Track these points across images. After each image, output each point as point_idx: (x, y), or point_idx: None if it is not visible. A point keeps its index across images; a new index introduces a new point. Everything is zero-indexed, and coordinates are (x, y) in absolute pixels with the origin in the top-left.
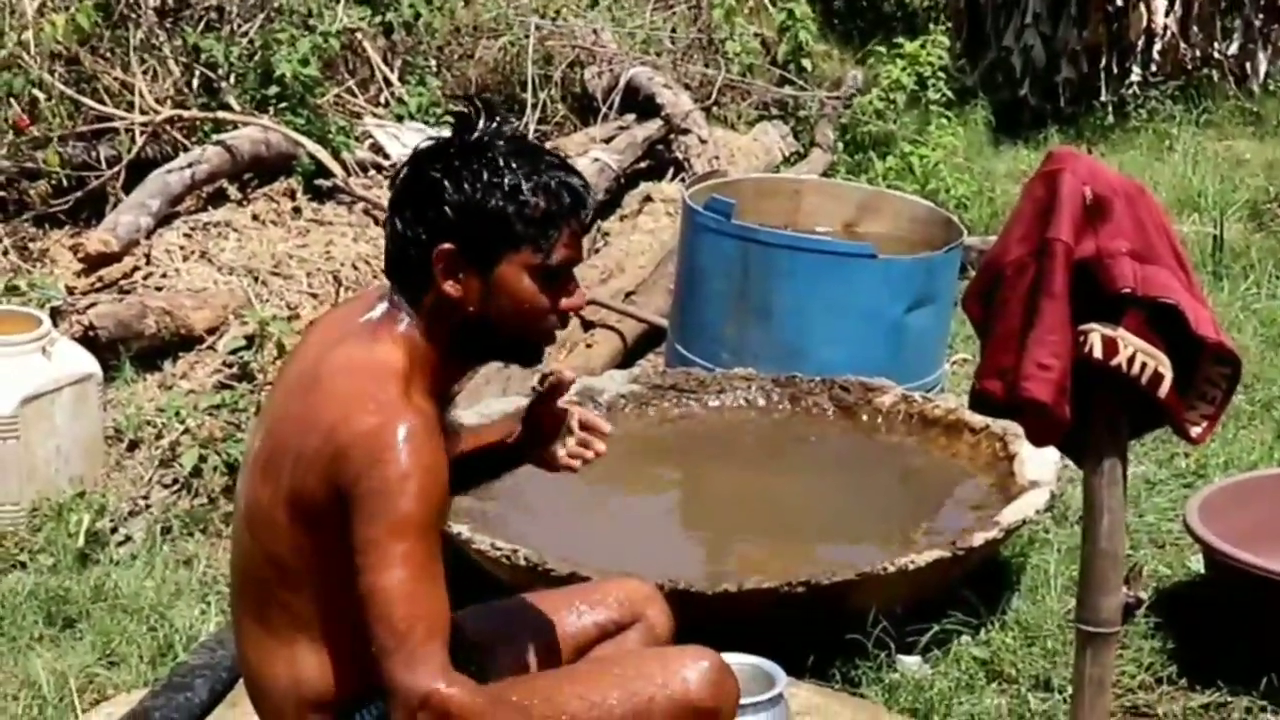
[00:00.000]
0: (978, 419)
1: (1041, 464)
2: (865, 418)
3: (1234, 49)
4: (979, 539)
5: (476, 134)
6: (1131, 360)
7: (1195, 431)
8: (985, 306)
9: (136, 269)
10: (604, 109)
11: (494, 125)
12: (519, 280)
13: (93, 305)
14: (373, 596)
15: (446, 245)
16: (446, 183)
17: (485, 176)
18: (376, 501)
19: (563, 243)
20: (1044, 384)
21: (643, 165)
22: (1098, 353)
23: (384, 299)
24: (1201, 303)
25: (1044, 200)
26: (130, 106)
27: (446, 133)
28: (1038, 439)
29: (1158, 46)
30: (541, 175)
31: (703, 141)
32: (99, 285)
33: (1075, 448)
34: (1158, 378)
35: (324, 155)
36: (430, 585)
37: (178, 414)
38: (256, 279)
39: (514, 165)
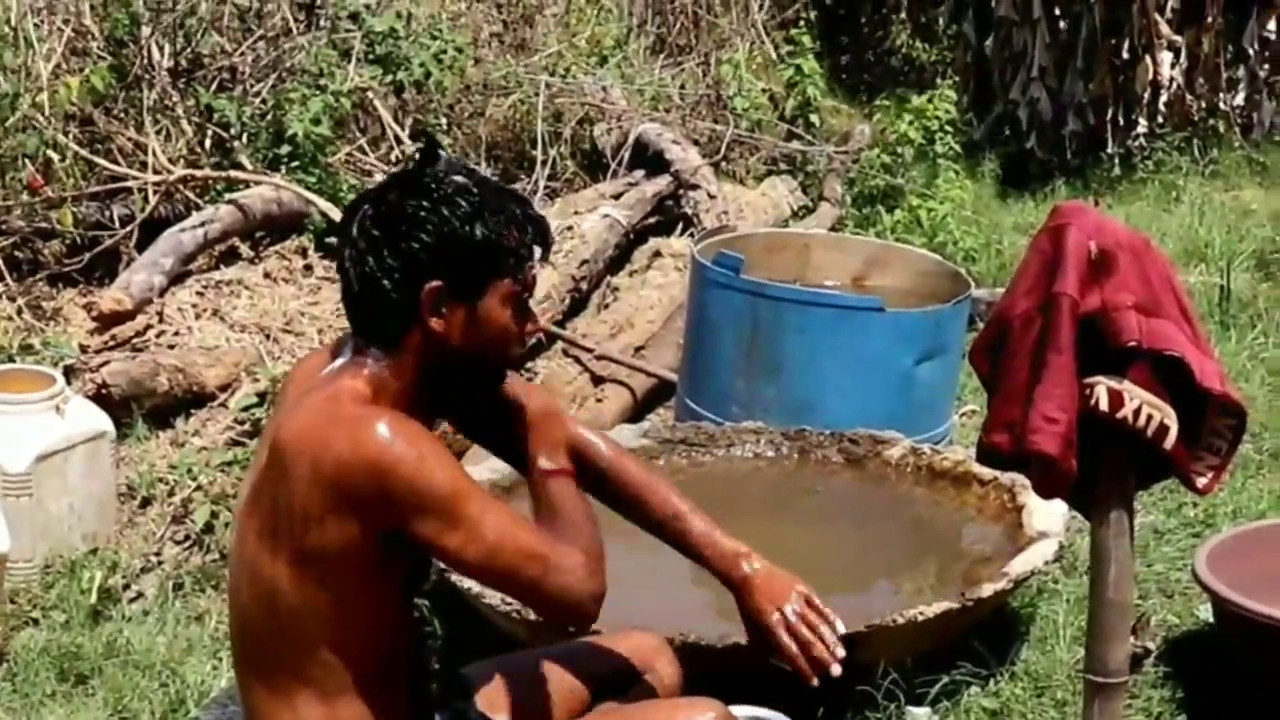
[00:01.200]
0: (986, 470)
1: (1050, 515)
2: (874, 469)
3: (1240, 99)
4: (988, 590)
5: (442, 167)
6: (1137, 413)
7: (1202, 482)
8: (992, 360)
9: (149, 327)
10: (613, 165)
11: (455, 161)
12: (500, 310)
13: (106, 363)
14: (483, 560)
15: (435, 282)
16: (428, 217)
17: (465, 208)
18: (416, 502)
19: (532, 271)
20: (1051, 437)
21: (652, 221)
22: (1104, 405)
23: (344, 351)
24: (1207, 355)
25: (1050, 255)
26: (144, 166)
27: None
28: (1045, 492)
29: (1164, 98)
30: (509, 207)
31: (711, 197)
32: (112, 343)
33: (1082, 499)
34: (1163, 429)
35: (336, 213)
36: (509, 511)
37: (190, 471)
38: (268, 336)
39: (486, 197)
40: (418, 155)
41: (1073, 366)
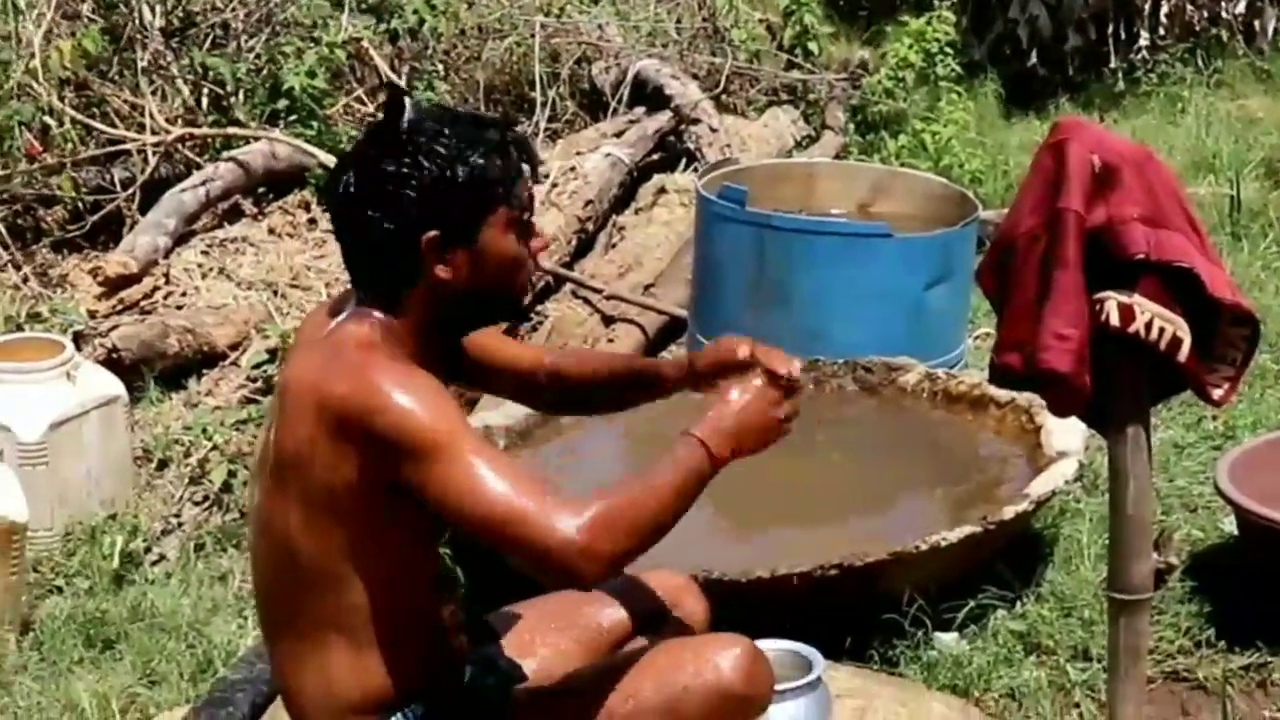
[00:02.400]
0: (1002, 393)
1: (1069, 434)
2: (890, 397)
3: (1241, 8)
4: (1009, 513)
5: (411, 116)
6: (1149, 326)
7: (1217, 394)
8: (1000, 280)
9: (156, 289)
10: (613, 103)
11: (422, 104)
12: (502, 240)
13: (115, 328)
14: (464, 507)
15: (430, 233)
16: (410, 172)
17: (443, 152)
18: (403, 444)
19: (526, 190)
20: (1062, 354)
21: (655, 157)
22: (1114, 320)
23: (350, 303)
24: (1217, 265)
25: (1052, 171)
26: (141, 128)
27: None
28: (1059, 410)
29: (1165, 9)
30: (487, 134)
31: (713, 130)
32: (120, 307)
33: (1098, 416)
34: (1176, 342)
35: None
36: (504, 462)
37: (205, 431)
38: (276, 292)
39: (461, 134)
40: (384, 110)
41: (1081, 282)
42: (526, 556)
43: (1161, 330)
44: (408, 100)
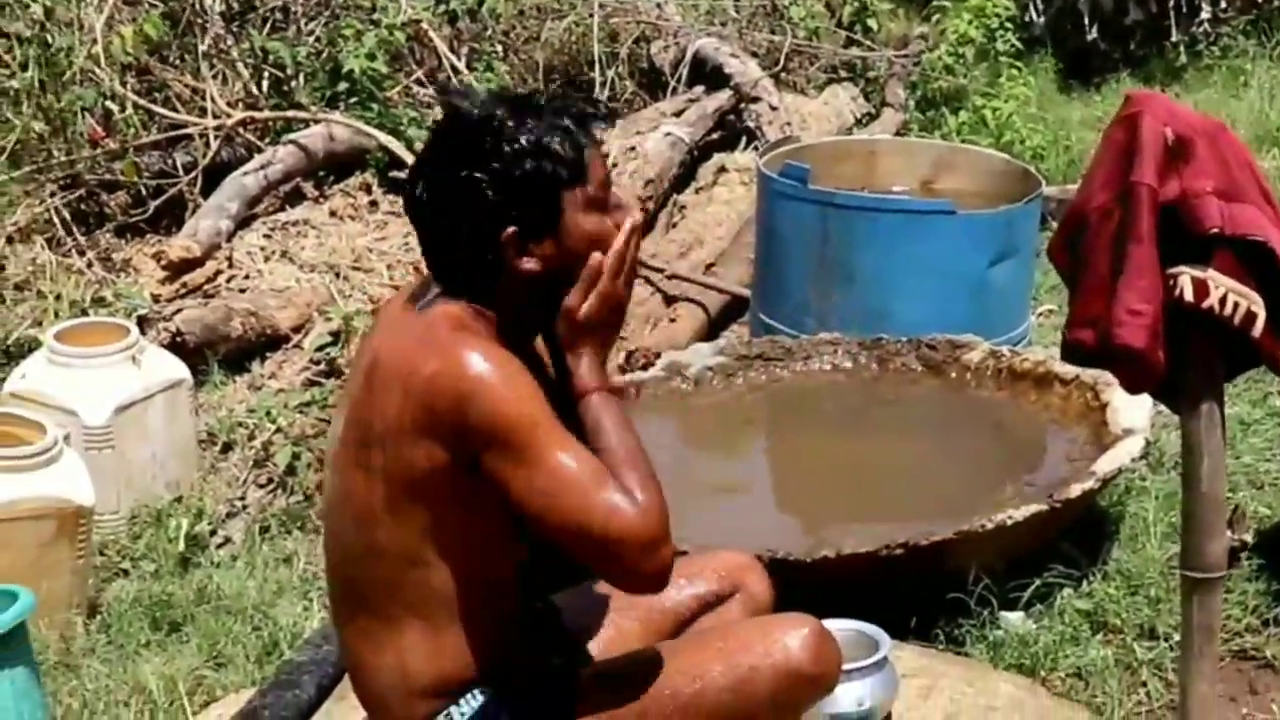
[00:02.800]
0: (1067, 370)
1: (1135, 411)
2: (954, 375)
3: None
4: (1076, 490)
5: (470, 113)
6: (1223, 301)
7: None
8: (1072, 256)
9: (219, 273)
10: (672, 83)
11: (479, 98)
12: (582, 220)
13: (179, 311)
14: (547, 506)
15: (509, 230)
16: (477, 174)
17: (506, 148)
18: (492, 431)
19: (598, 164)
20: (1137, 330)
21: (715, 136)
22: (1188, 295)
23: (430, 288)
24: None
25: (1125, 144)
26: (202, 112)
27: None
28: (1133, 386)
29: None
30: (546, 117)
31: (773, 108)
32: (183, 291)
33: (1170, 393)
34: (1251, 317)
35: (397, 147)
36: (585, 467)
37: (269, 414)
38: (338, 275)
39: (522, 123)
40: (442, 120)
41: (1155, 257)
42: (611, 570)
43: (1236, 305)
44: (461, 99)
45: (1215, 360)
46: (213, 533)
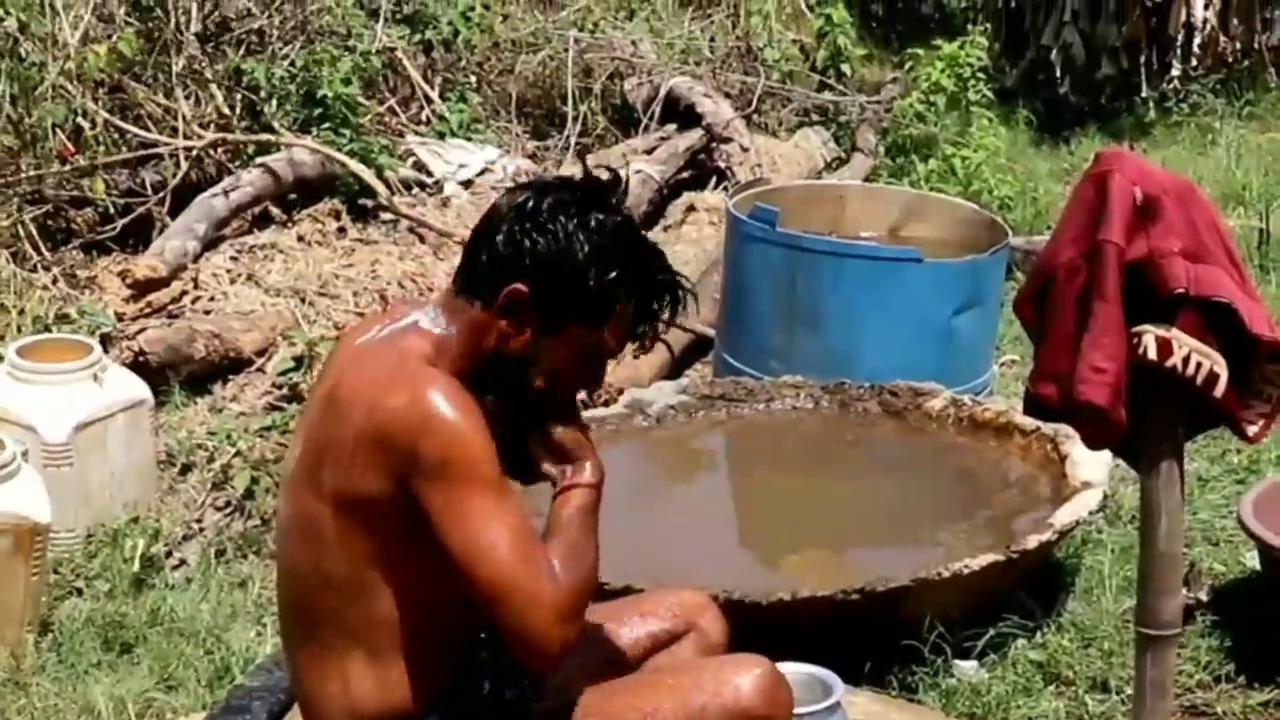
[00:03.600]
0: (1028, 421)
1: (1094, 465)
2: (915, 422)
3: (1275, 40)
4: (1033, 541)
5: (610, 204)
6: (1186, 360)
7: (1252, 430)
8: (1037, 310)
9: (184, 293)
10: (645, 120)
11: (622, 199)
12: (566, 352)
13: (142, 331)
14: (469, 555)
15: (522, 286)
16: (562, 230)
17: (598, 244)
18: (439, 469)
19: (620, 341)
20: (1100, 387)
21: (685, 175)
22: (1152, 354)
23: (407, 314)
24: (1256, 301)
25: (1094, 202)
26: (174, 132)
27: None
28: (1094, 443)
29: (1198, 40)
30: (652, 268)
31: (744, 149)
32: (148, 310)
33: (1130, 450)
34: (1213, 378)
35: (367, 175)
36: (518, 529)
37: (229, 437)
38: (303, 300)
39: (624, 250)
40: (603, 179)
41: (1120, 315)
42: (509, 635)
43: (1199, 365)
44: (625, 189)
45: (1176, 419)
46: (168, 554)
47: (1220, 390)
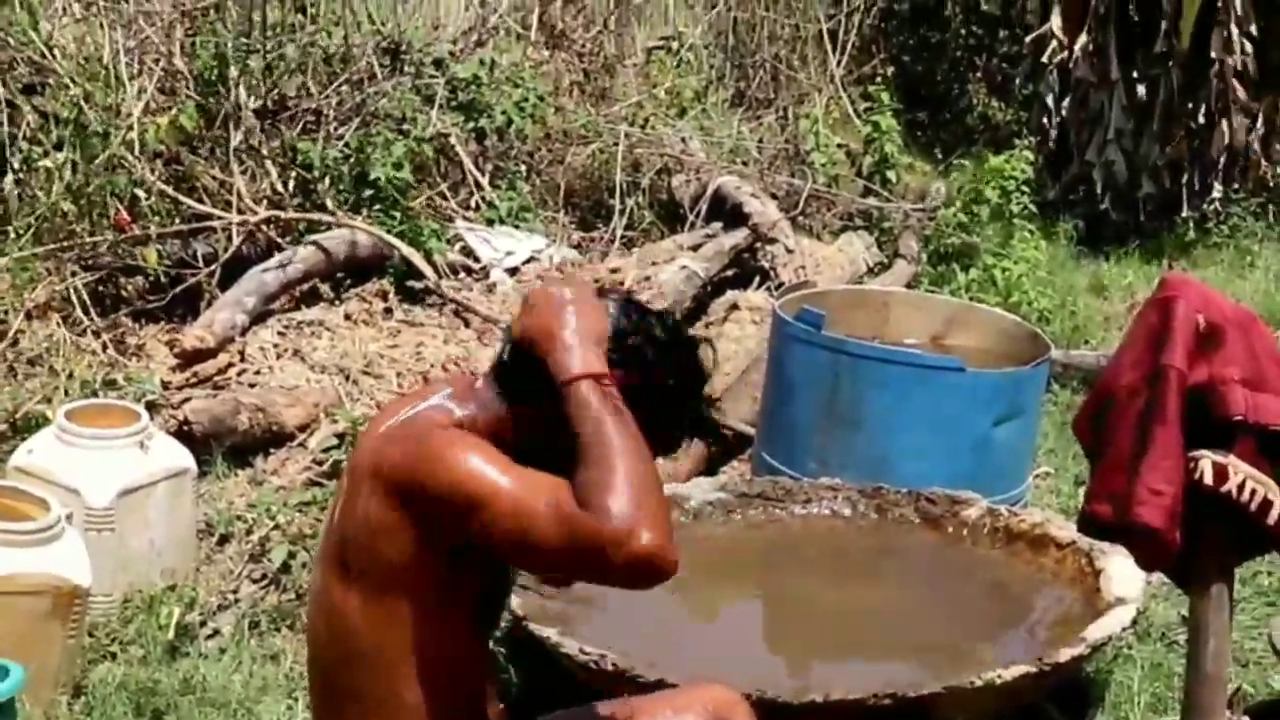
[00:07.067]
0: (1063, 534)
1: (1128, 580)
2: (951, 530)
3: None
4: (1065, 655)
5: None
6: (1241, 487)
7: None
8: (1095, 430)
9: (231, 365)
10: (691, 217)
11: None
12: None
13: (187, 400)
14: (526, 535)
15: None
16: (671, 366)
17: (682, 373)
18: (457, 497)
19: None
20: (1156, 510)
21: (729, 273)
22: (1208, 479)
23: (432, 397)
24: None
25: (1157, 327)
26: (228, 206)
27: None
28: (1147, 563)
29: (1239, 163)
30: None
31: (789, 251)
32: (194, 381)
33: (1180, 571)
34: (1267, 505)
35: (416, 257)
36: (542, 482)
37: (268, 510)
38: (348, 378)
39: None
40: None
41: (1179, 439)
42: (617, 581)
43: (1254, 491)
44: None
45: (1228, 544)
46: (203, 624)
47: (1274, 517)
